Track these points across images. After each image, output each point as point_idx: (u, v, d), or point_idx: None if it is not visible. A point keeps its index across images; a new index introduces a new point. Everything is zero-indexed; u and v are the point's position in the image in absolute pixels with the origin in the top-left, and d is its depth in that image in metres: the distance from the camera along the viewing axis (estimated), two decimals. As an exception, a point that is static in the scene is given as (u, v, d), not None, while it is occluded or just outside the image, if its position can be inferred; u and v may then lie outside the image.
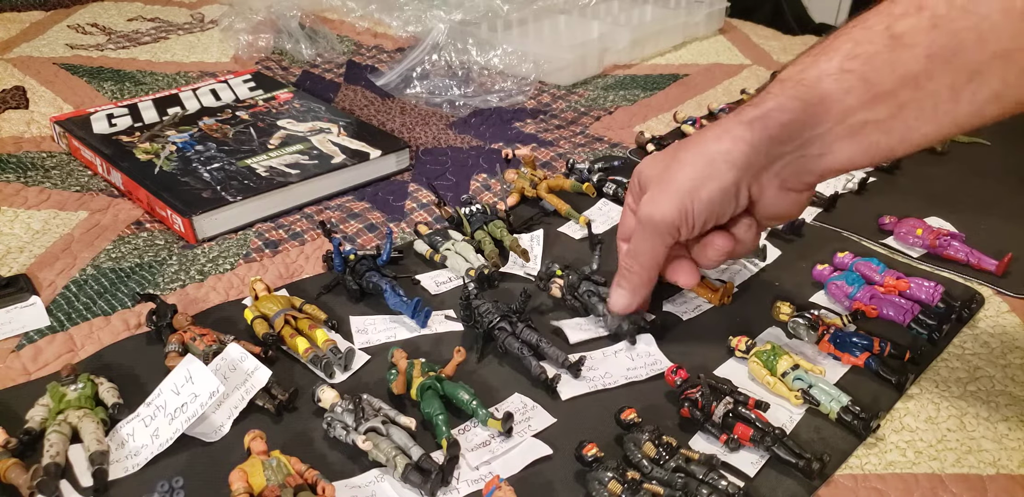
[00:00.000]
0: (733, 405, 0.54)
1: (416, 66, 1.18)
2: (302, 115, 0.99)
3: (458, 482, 0.51)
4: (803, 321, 0.63)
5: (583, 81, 1.21)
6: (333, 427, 0.54)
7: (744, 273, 0.73)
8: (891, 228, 0.80)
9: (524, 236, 0.78)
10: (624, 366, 0.61)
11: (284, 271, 0.73)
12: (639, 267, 0.58)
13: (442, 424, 0.54)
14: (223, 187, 0.81)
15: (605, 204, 0.85)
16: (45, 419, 0.54)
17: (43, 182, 0.87)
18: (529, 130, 1.04)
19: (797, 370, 0.59)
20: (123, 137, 0.92)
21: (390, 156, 0.91)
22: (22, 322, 0.65)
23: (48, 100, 1.09)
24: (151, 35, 1.36)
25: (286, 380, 0.60)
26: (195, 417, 0.54)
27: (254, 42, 1.29)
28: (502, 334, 0.62)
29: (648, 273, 0.59)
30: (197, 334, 0.61)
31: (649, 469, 0.50)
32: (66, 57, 1.24)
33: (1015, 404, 0.59)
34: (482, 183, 0.90)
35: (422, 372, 0.57)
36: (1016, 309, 0.69)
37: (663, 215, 0.53)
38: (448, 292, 0.71)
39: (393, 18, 1.36)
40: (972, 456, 0.54)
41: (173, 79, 1.18)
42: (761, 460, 0.53)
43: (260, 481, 0.48)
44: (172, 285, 0.71)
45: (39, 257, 0.74)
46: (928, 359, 0.63)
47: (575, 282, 0.67)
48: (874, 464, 0.54)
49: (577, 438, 0.52)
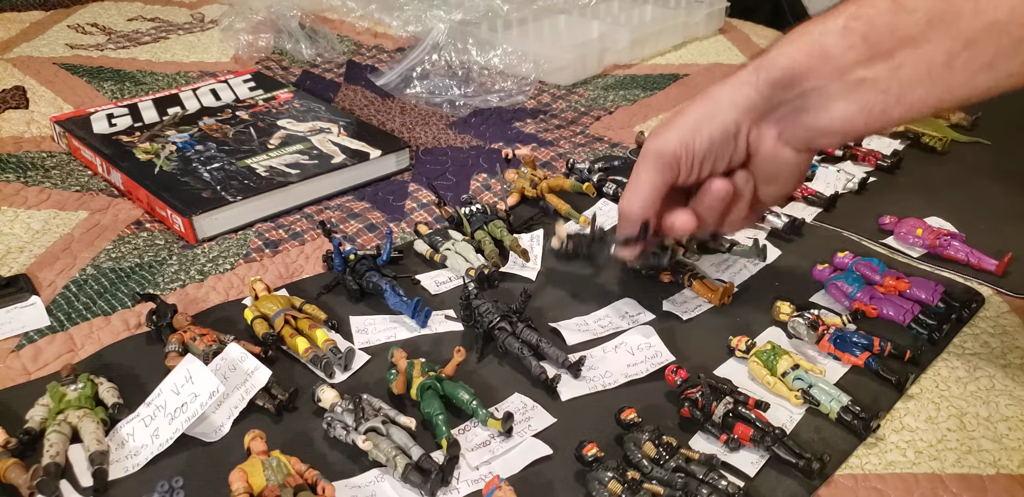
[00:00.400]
0: (733, 405, 0.54)
1: (416, 66, 1.18)
2: (302, 115, 0.99)
3: (458, 482, 0.51)
4: (803, 321, 0.63)
5: (583, 81, 1.21)
6: (333, 427, 0.54)
7: (744, 273, 0.73)
8: (891, 228, 0.80)
9: (524, 236, 0.78)
10: (624, 362, 0.61)
11: (284, 271, 0.73)
12: (636, 197, 0.57)
13: (442, 424, 0.54)
14: (223, 187, 0.81)
15: (605, 204, 0.85)
16: (45, 419, 0.54)
17: (43, 182, 0.87)
18: (529, 130, 1.04)
19: (797, 370, 0.59)
20: (123, 137, 0.92)
21: (390, 156, 0.91)
22: (22, 322, 0.65)
23: (48, 100, 1.09)
24: (151, 35, 1.36)
25: (286, 380, 0.60)
26: (195, 417, 0.54)
27: (254, 42, 1.29)
28: (502, 334, 0.62)
29: (644, 203, 0.58)
30: (197, 334, 0.61)
31: (649, 469, 0.50)
32: (66, 57, 1.24)
33: (1015, 404, 0.59)
34: (482, 183, 0.90)
35: (422, 372, 0.57)
36: (1016, 309, 0.69)
37: (665, 144, 0.55)
38: (448, 292, 0.71)
39: (393, 18, 1.36)
40: (972, 456, 0.55)
41: (173, 79, 1.18)
42: (761, 460, 0.53)
43: (260, 481, 0.48)
44: (172, 285, 0.71)
45: (39, 257, 0.74)
46: (928, 359, 0.63)
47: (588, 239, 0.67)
48: (874, 464, 0.54)
49: (577, 438, 0.52)
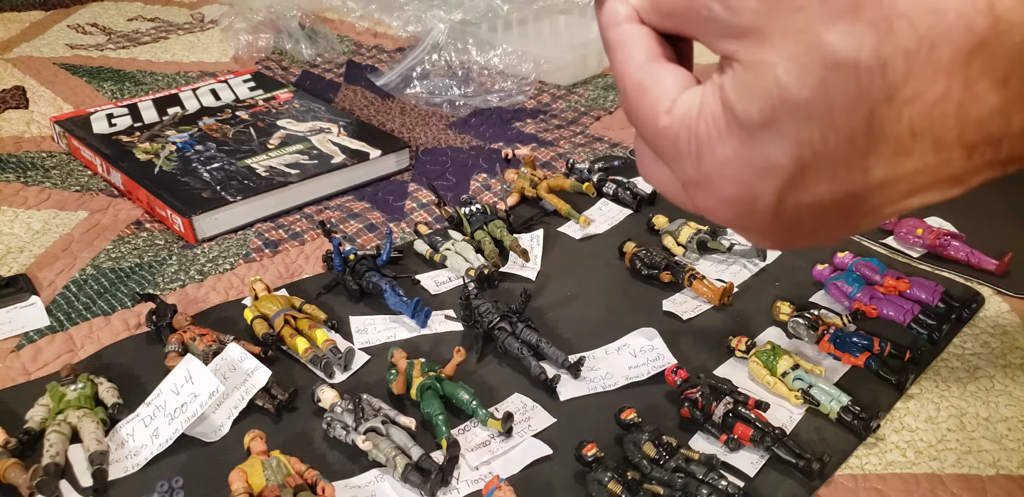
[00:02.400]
0: (733, 405, 0.54)
1: (416, 66, 1.18)
2: (302, 115, 0.99)
3: (458, 482, 0.51)
4: (803, 321, 0.63)
5: (583, 81, 1.21)
6: (333, 427, 0.54)
7: (744, 273, 0.73)
8: (891, 228, 0.80)
9: (524, 236, 0.78)
10: (626, 364, 0.61)
11: (284, 271, 0.73)
12: None
13: (442, 424, 0.54)
14: (223, 187, 0.81)
15: (605, 204, 0.85)
16: (45, 419, 0.54)
17: (43, 182, 0.87)
18: (529, 130, 1.04)
19: (797, 370, 0.58)
20: (123, 137, 0.92)
21: (390, 156, 0.91)
22: (22, 322, 0.65)
23: (48, 100, 1.09)
24: (151, 35, 1.36)
25: (286, 380, 0.60)
26: (195, 417, 0.54)
27: (254, 42, 1.29)
28: (502, 334, 0.62)
29: None
30: (197, 334, 0.61)
31: (649, 469, 0.50)
32: (66, 57, 1.24)
33: (1015, 404, 0.59)
34: (482, 183, 0.90)
35: (422, 372, 0.57)
36: (1016, 309, 0.69)
37: None
38: (448, 292, 0.71)
39: (393, 18, 1.36)
40: (972, 456, 0.54)
41: (173, 79, 1.18)
42: (761, 460, 0.53)
43: (260, 481, 0.48)
44: (172, 285, 0.71)
45: (39, 257, 0.74)
46: (928, 359, 0.63)
47: None
48: (874, 464, 0.54)
49: (577, 438, 0.52)
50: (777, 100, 0.22)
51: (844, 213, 0.24)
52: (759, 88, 0.22)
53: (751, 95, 0.22)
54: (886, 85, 0.20)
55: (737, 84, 0.23)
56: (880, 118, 0.21)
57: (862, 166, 0.22)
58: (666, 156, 0.27)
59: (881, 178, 0.22)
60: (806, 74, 0.21)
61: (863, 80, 0.20)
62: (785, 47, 0.21)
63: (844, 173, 0.22)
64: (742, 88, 0.23)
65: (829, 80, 0.21)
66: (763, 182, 0.23)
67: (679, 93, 0.26)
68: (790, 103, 0.21)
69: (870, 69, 0.20)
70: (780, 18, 0.21)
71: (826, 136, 0.21)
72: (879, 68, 0.20)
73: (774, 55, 0.22)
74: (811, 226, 0.25)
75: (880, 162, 0.22)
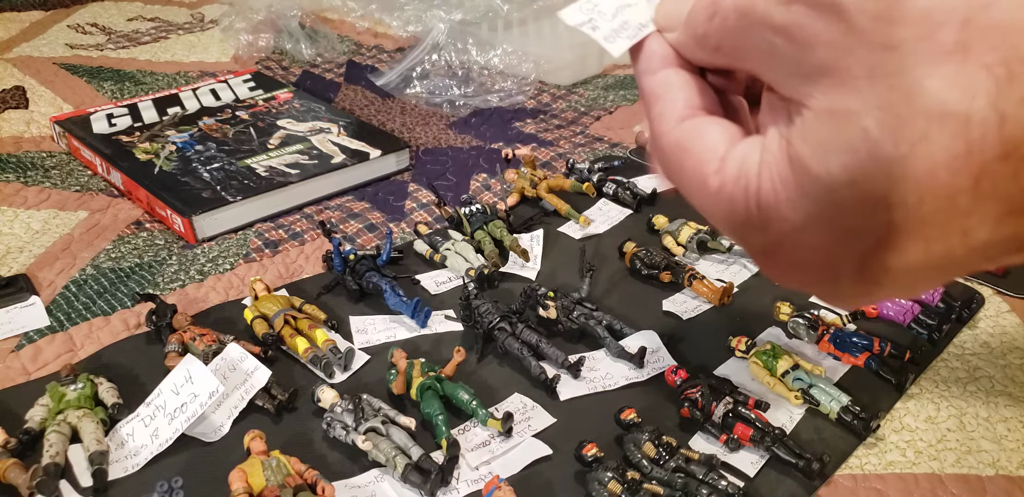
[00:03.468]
0: (733, 405, 0.54)
1: (416, 66, 1.18)
2: (302, 115, 0.99)
3: (458, 482, 0.51)
4: (803, 321, 0.63)
5: (583, 81, 1.21)
6: (333, 427, 0.54)
7: (744, 273, 0.73)
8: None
9: (524, 236, 0.78)
10: (626, 365, 0.61)
11: (284, 271, 0.73)
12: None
13: (442, 424, 0.54)
14: (223, 187, 0.81)
15: (605, 204, 0.85)
16: (45, 419, 0.54)
17: (43, 182, 0.87)
18: (529, 130, 1.04)
19: (797, 370, 0.58)
20: (123, 137, 0.92)
21: (390, 156, 0.91)
22: (22, 322, 0.65)
23: (48, 100, 1.08)
24: (151, 35, 1.36)
25: (286, 380, 0.60)
26: (195, 417, 0.54)
27: (254, 42, 1.28)
28: (502, 334, 0.62)
29: None
30: (197, 334, 0.61)
31: (649, 469, 0.50)
32: (66, 57, 1.24)
33: (1015, 404, 0.59)
34: (482, 183, 0.90)
35: (422, 372, 0.57)
36: (1016, 309, 0.69)
37: None
38: (448, 292, 0.71)
39: (393, 18, 1.36)
40: (971, 456, 0.54)
41: (173, 79, 1.18)
42: (761, 460, 0.53)
43: (260, 481, 0.48)
44: (172, 285, 0.71)
45: (39, 257, 0.74)
46: (928, 359, 0.63)
47: (569, 306, 0.65)
48: (874, 464, 0.54)
49: (577, 438, 0.52)
50: (866, 157, 0.18)
51: (935, 275, 0.21)
52: (841, 142, 0.19)
53: (831, 150, 0.19)
54: (1003, 141, 0.17)
55: (810, 137, 0.20)
56: (992, 176, 0.17)
57: (961, 227, 0.19)
58: (722, 224, 0.23)
59: (985, 239, 0.19)
60: (903, 127, 0.18)
61: (975, 136, 0.17)
62: (874, 93, 0.18)
63: (939, 236, 0.19)
64: (817, 142, 0.19)
65: (932, 136, 0.17)
66: (846, 248, 0.20)
67: (727, 149, 0.23)
68: (883, 161, 0.18)
69: (984, 123, 0.17)
70: (866, 56, 0.18)
71: (923, 198, 0.18)
72: (996, 122, 0.17)
73: (859, 103, 0.18)
74: (895, 287, 0.22)
75: (985, 224, 0.18)
